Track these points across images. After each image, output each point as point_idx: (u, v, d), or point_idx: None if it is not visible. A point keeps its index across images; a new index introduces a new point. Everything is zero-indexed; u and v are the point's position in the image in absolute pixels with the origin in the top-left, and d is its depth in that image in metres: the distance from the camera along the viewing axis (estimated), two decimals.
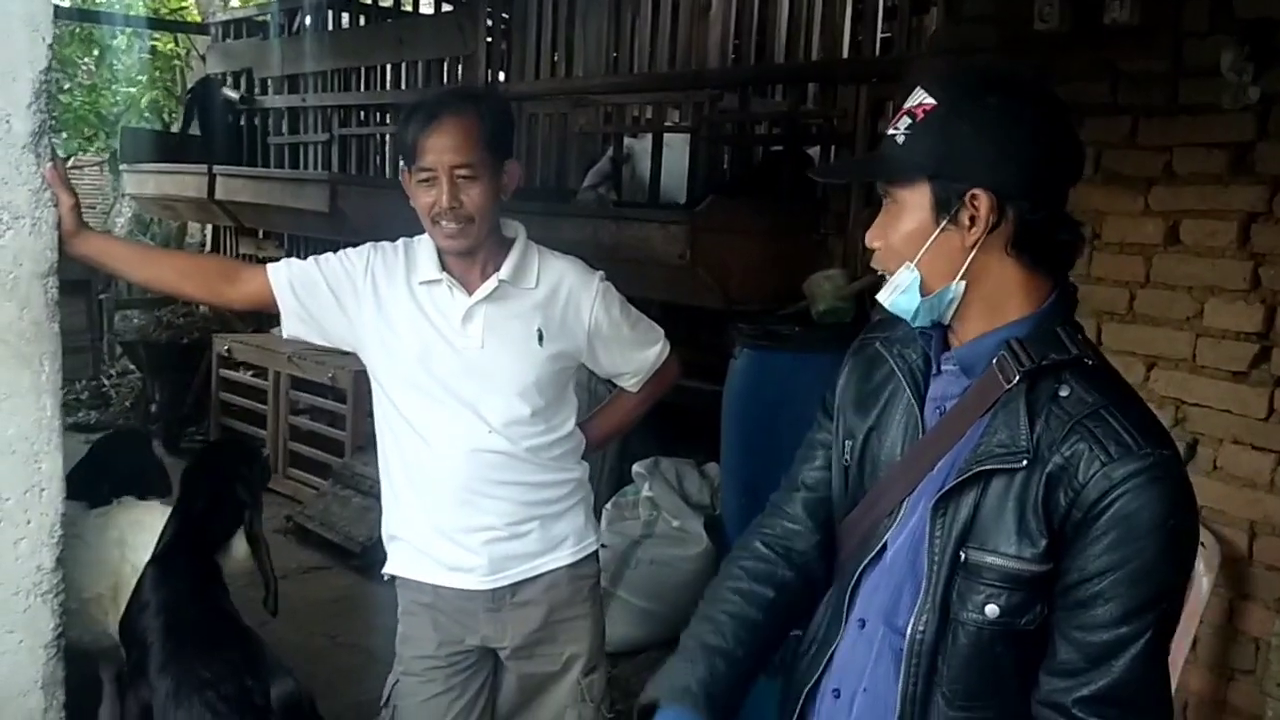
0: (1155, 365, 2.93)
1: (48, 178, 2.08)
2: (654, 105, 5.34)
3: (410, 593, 2.25)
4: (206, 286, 2.33)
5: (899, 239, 1.30)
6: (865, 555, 1.38)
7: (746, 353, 3.65)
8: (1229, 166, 2.77)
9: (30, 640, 2.16)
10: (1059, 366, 1.25)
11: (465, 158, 2.03)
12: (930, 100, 1.27)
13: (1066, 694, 1.22)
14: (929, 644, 1.28)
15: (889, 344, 1.43)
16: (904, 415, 1.37)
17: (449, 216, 2.04)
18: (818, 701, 1.43)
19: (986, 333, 1.30)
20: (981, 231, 1.26)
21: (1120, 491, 1.19)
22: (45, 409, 2.13)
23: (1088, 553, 1.20)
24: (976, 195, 1.25)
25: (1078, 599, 1.22)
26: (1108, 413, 1.22)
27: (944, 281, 1.29)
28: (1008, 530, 1.24)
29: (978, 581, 1.25)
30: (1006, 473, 1.24)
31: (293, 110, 7.76)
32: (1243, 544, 2.78)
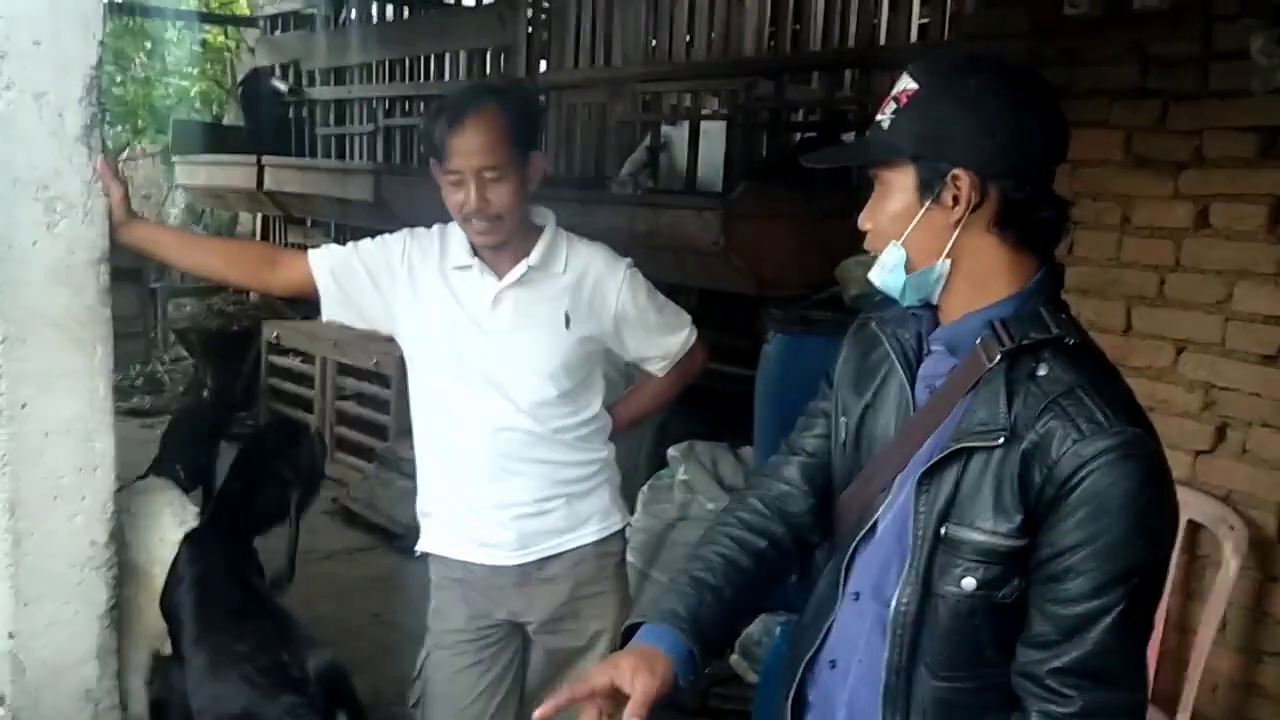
0: (1185, 349, 2.92)
1: (98, 169, 2.17)
2: (691, 93, 5.38)
3: (441, 568, 2.32)
4: (249, 273, 2.42)
5: (886, 219, 1.33)
6: (859, 530, 1.42)
7: (779, 338, 3.69)
8: (1259, 150, 2.75)
9: (86, 611, 2.26)
10: (1039, 346, 1.28)
11: (491, 159, 2.07)
12: (913, 85, 1.30)
13: (1041, 665, 1.25)
14: (912, 616, 1.32)
15: (884, 324, 1.45)
16: (897, 394, 1.40)
17: (478, 216, 2.10)
18: (816, 672, 1.47)
19: (971, 312, 1.33)
20: (964, 210, 1.28)
21: (1091, 468, 1.21)
22: (98, 391, 2.23)
23: (1060, 528, 1.23)
24: (958, 175, 1.27)
25: (1051, 573, 1.25)
26: (1083, 391, 1.24)
27: (929, 260, 1.32)
28: (985, 506, 1.27)
29: (957, 556, 1.29)
30: (985, 450, 1.27)
31: (339, 102, 7.89)
32: (1271, 526, 2.77)
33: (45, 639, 2.22)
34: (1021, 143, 1.29)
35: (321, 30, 8.11)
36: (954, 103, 1.28)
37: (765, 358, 3.70)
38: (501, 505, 2.22)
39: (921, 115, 1.29)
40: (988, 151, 1.27)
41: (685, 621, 1.41)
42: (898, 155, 1.30)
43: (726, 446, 4.19)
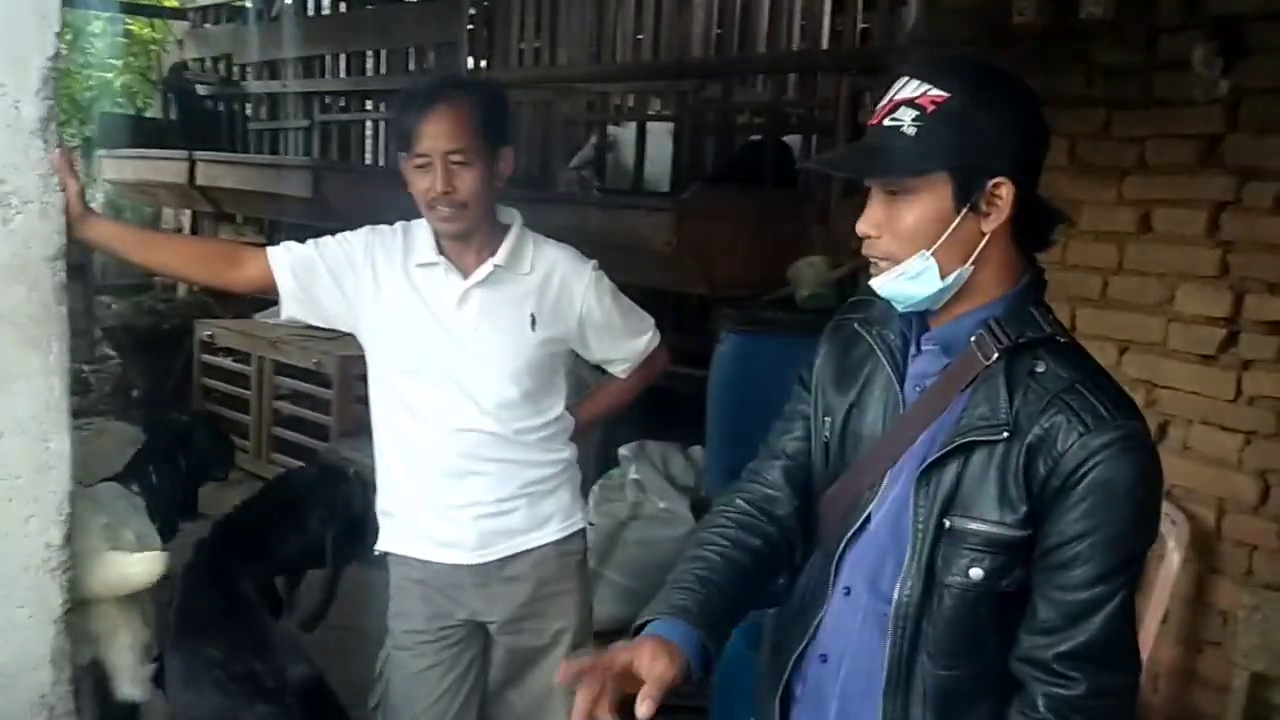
0: (1127, 349, 3.02)
1: (55, 163, 2.11)
2: (637, 94, 5.40)
3: (401, 568, 2.30)
4: (209, 271, 2.37)
5: (911, 227, 1.32)
6: (850, 526, 1.44)
7: (732, 338, 3.73)
8: (1199, 157, 2.86)
9: (40, 615, 2.20)
10: (1034, 344, 1.32)
11: (459, 144, 2.08)
12: (939, 92, 1.29)
13: (1047, 650, 1.30)
14: (914, 607, 1.36)
15: (867, 325, 1.47)
16: (884, 393, 1.43)
17: (443, 201, 2.09)
18: (805, 667, 1.49)
19: (965, 313, 1.36)
20: (1002, 218, 1.31)
21: (1097, 460, 1.26)
22: (54, 390, 2.17)
23: (1066, 517, 1.28)
24: (1000, 183, 1.30)
25: (1057, 561, 1.29)
26: (1083, 387, 1.29)
27: (956, 267, 1.34)
28: (990, 498, 1.31)
29: (962, 546, 1.33)
30: (988, 444, 1.31)
31: (272, 96, 7.76)
32: (1211, 521, 2.88)
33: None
34: (1037, 148, 1.34)
35: (254, 24, 7.97)
36: (990, 112, 1.30)
37: (718, 357, 3.73)
38: (462, 505, 2.22)
39: (958, 124, 1.29)
40: (1019, 159, 1.31)
41: (696, 616, 1.41)
42: (936, 164, 1.30)
43: (677, 446, 4.21)
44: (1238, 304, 2.81)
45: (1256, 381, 2.79)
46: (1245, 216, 2.79)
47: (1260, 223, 2.76)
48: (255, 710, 2.11)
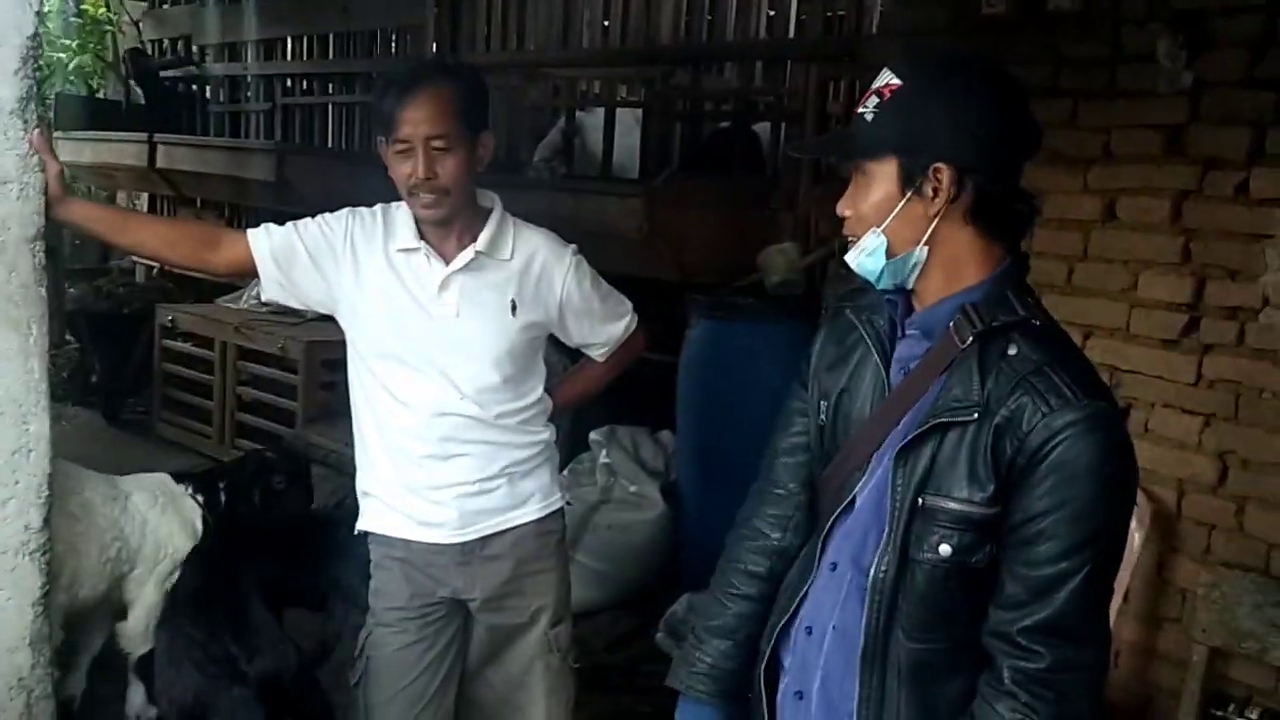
0: (1092, 334, 3.09)
1: (34, 143, 2.10)
2: (605, 80, 5.40)
3: (382, 547, 2.31)
4: (189, 253, 2.36)
5: (868, 207, 1.41)
6: (838, 506, 1.49)
7: (703, 323, 3.77)
8: (1163, 147, 2.93)
9: (19, 598, 2.20)
10: (1008, 328, 1.37)
11: (440, 129, 2.08)
12: (896, 80, 1.37)
13: (1012, 624, 1.33)
14: (890, 582, 1.40)
15: (858, 311, 1.53)
16: (872, 377, 1.48)
17: (425, 188, 2.10)
18: (791, 638, 1.54)
19: (945, 298, 1.41)
20: (944, 202, 1.36)
21: (1060, 439, 1.30)
22: (33, 372, 2.17)
23: (1031, 495, 1.32)
24: (939, 168, 1.35)
25: (1023, 537, 1.33)
26: (1050, 369, 1.34)
27: (908, 247, 1.40)
28: (960, 477, 1.35)
29: (933, 524, 1.37)
30: (960, 425, 1.36)
31: (233, 78, 7.66)
32: (1172, 501, 2.96)
33: None
34: (997, 140, 1.37)
35: (214, 5, 7.85)
36: (937, 100, 1.36)
37: (689, 343, 3.77)
38: (443, 485, 2.23)
39: (905, 110, 1.36)
40: (967, 147, 1.35)
41: (712, 695, 1.62)
42: (882, 149, 1.38)
43: (647, 430, 4.25)
44: (1199, 290, 2.89)
45: (1216, 366, 2.87)
46: (1207, 205, 2.87)
47: (1221, 211, 2.84)
48: (230, 694, 2.11)
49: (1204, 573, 2.86)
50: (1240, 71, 2.79)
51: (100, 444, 6.00)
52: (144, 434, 6.23)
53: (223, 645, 2.18)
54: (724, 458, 3.60)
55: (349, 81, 6.92)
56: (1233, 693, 2.89)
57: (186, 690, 2.13)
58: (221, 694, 2.11)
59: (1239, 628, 2.79)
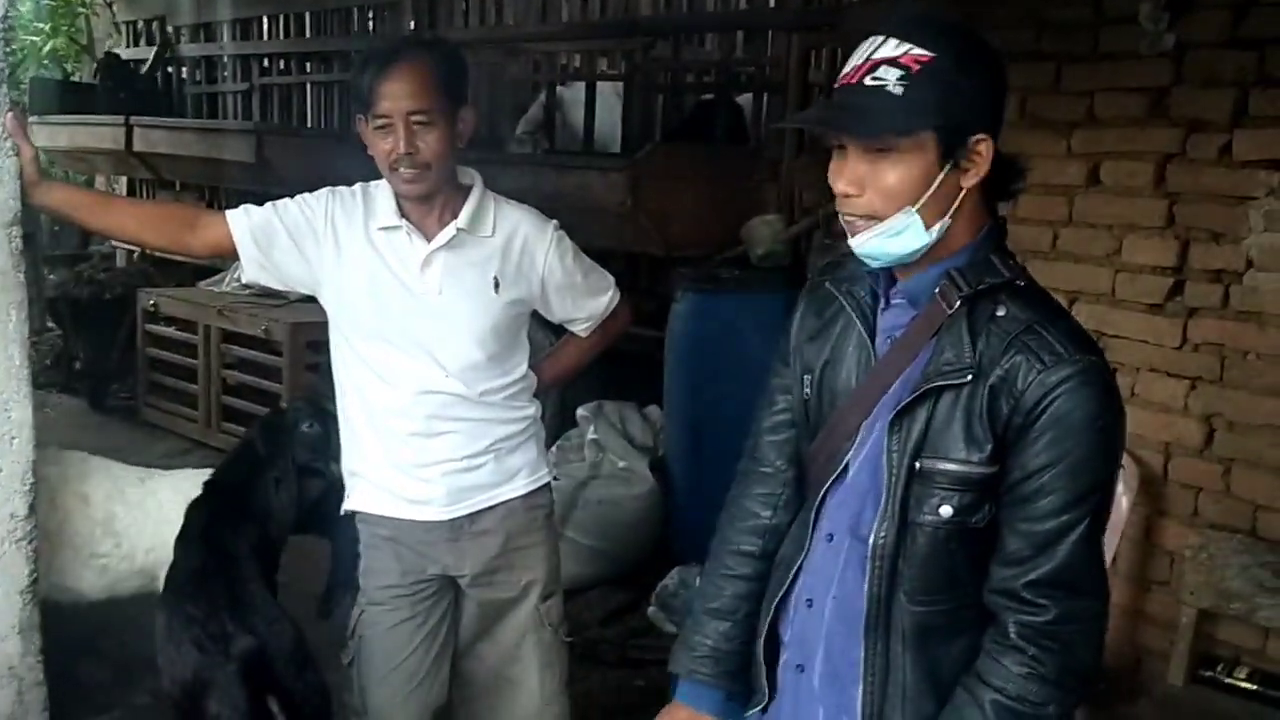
0: (1077, 300, 3.10)
1: (8, 127, 2.07)
2: (585, 54, 5.36)
3: (371, 527, 2.31)
4: (168, 235, 2.33)
5: (895, 185, 1.34)
6: (829, 476, 1.49)
7: (689, 296, 3.76)
8: (1146, 110, 2.93)
9: (6, 586, 2.19)
10: (994, 290, 1.37)
11: (421, 104, 2.06)
12: (923, 51, 1.32)
13: (1016, 579, 1.35)
14: (890, 548, 1.41)
15: (837, 283, 1.52)
16: (856, 348, 1.48)
17: (406, 163, 2.08)
18: (790, 611, 1.54)
19: (931, 265, 1.40)
20: (981, 174, 1.35)
21: (1055, 394, 1.31)
22: (14, 358, 2.16)
23: (1029, 451, 1.33)
24: (981, 139, 1.34)
25: (1023, 494, 1.34)
26: (1040, 327, 1.34)
27: (935, 222, 1.37)
28: (957, 438, 1.36)
29: (932, 486, 1.38)
30: (954, 388, 1.36)
31: (209, 59, 7.58)
32: (1158, 465, 2.98)
33: None
34: (1003, 105, 1.38)
35: None
36: (972, 72, 1.34)
37: (675, 316, 3.76)
38: (430, 463, 2.22)
39: (943, 83, 1.32)
40: (995, 116, 1.36)
41: (715, 677, 1.61)
42: (919, 123, 1.32)
43: (634, 406, 4.24)
44: (1183, 253, 2.90)
45: (1201, 329, 2.89)
46: (1190, 168, 2.87)
47: (1205, 174, 2.84)
48: (226, 670, 2.11)
49: (1192, 535, 2.89)
50: (1223, 33, 2.79)
51: (85, 430, 5.97)
52: (129, 419, 6.20)
53: (220, 623, 2.17)
54: (712, 430, 3.61)
55: (327, 60, 6.85)
56: (1221, 654, 2.92)
57: (186, 668, 2.14)
58: (218, 671, 2.11)
59: (1227, 589, 2.81)
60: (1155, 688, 2.99)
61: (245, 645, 2.13)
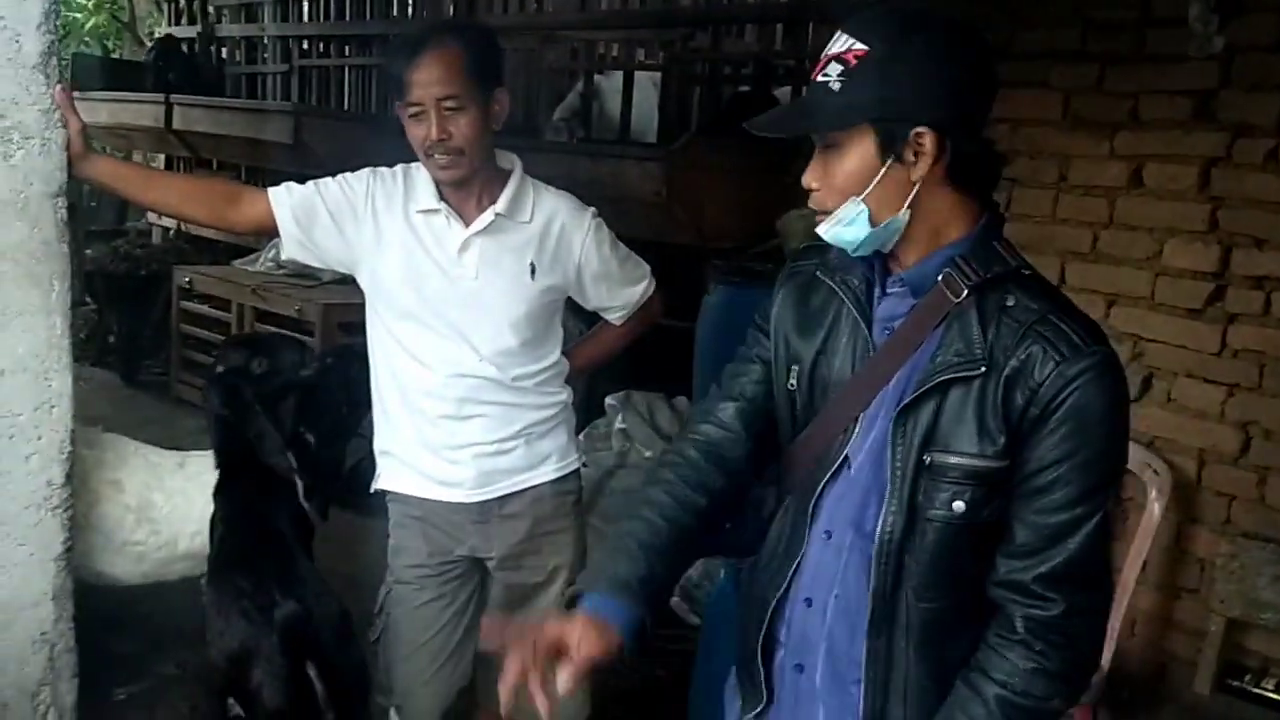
0: (1115, 303, 3.07)
1: (57, 100, 2.09)
2: (623, 43, 5.36)
3: (400, 506, 2.33)
4: (210, 210, 2.35)
5: (842, 178, 1.35)
6: (825, 470, 1.46)
7: (721, 289, 3.74)
8: (1192, 113, 2.89)
9: (41, 553, 2.22)
10: (1002, 279, 1.36)
11: (451, 89, 2.06)
12: (860, 45, 1.31)
13: (1026, 572, 1.32)
14: (896, 544, 1.38)
15: (828, 270, 1.48)
16: (852, 337, 1.44)
17: (439, 149, 2.08)
18: (788, 611, 1.50)
19: (930, 254, 1.39)
20: (928, 166, 1.33)
21: (1074, 386, 1.29)
22: (55, 328, 2.18)
23: (1045, 443, 1.31)
24: (921, 133, 1.31)
25: (1036, 486, 1.32)
26: (1055, 317, 1.32)
27: (891, 213, 1.35)
28: (969, 432, 1.34)
29: (943, 481, 1.35)
30: (964, 380, 1.34)
31: (250, 40, 7.63)
32: (1192, 471, 2.95)
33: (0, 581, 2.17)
34: (969, 96, 1.34)
35: None
36: (908, 63, 1.31)
37: (707, 308, 3.74)
38: (461, 445, 2.24)
39: (877, 76, 1.30)
40: (944, 108, 1.32)
41: (634, 592, 1.42)
42: (855, 117, 1.32)
43: (663, 396, 4.24)
44: (1225, 259, 2.86)
45: (1241, 335, 2.85)
46: (1235, 172, 2.83)
47: (1250, 179, 2.81)
48: (269, 639, 2.16)
49: (1223, 543, 2.86)
50: (1272, 36, 2.75)
51: (118, 404, 6.04)
52: (162, 395, 6.26)
53: (268, 594, 2.21)
54: None
55: (366, 43, 6.88)
56: (1249, 663, 2.89)
57: (234, 638, 2.18)
58: (263, 640, 2.15)
59: (1258, 598, 2.78)
60: (1181, 696, 2.97)
61: (289, 611, 2.18)
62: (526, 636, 1.36)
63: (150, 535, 2.72)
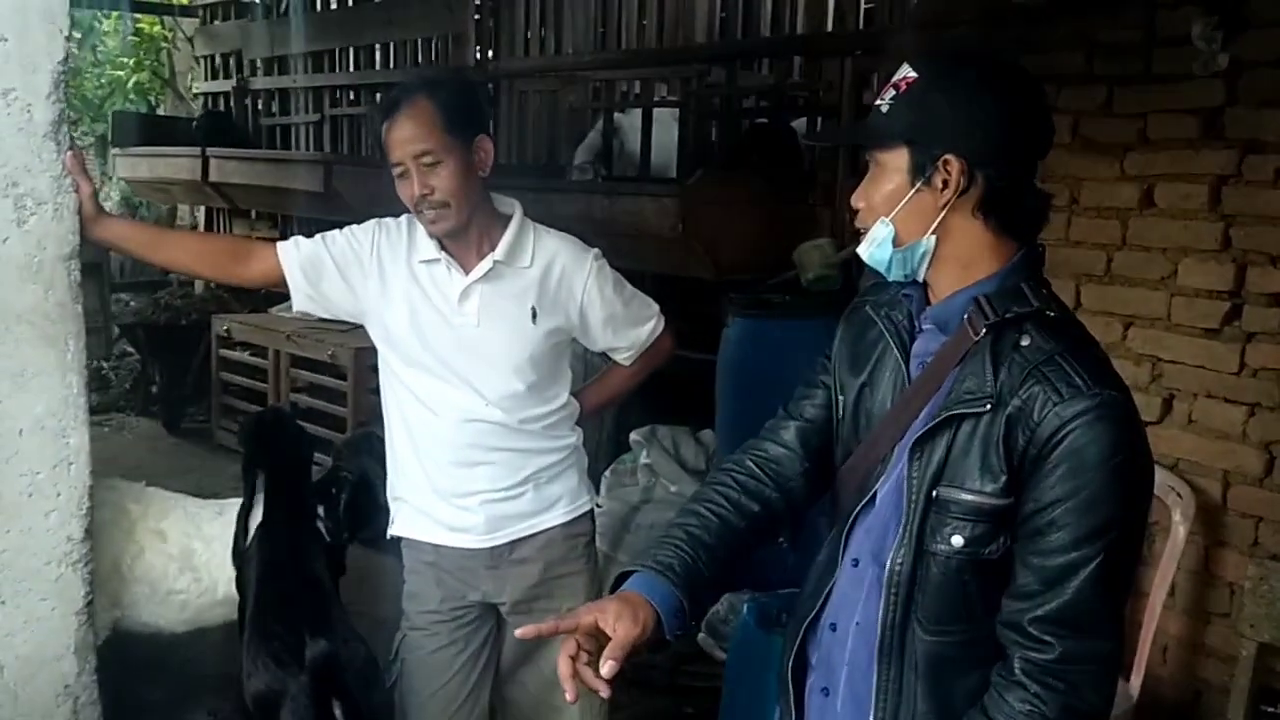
0: (1132, 324, 3.04)
1: (67, 165, 2.16)
2: (642, 80, 5.42)
3: (414, 552, 2.35)
4: (219, 267, 2.42)
5: (879, 198, 1.42)
6: (859, 501, 1.50)
7: (739, 321, 3.76)
8: (1200, 131, 2.87)
9: (62, 608, 2.26)
10: (1021, 318, 1.37)
11: (425, 145, 2.09)
12: (912, 74, 1.39)
13: (1023, 614, 1.33)
14: (906, 575, 1.40)
15: (877, 307, 1.53)
16: (892, 371, 1.49)
17: (424, 204, 2.12)
18: (818, 635, 1.55)
19: (958, 291, 1.42)
20: (952, 193, 1.37)
21: (1071, 428, 1.29)
22: (71, 387, 2.23)
23: (1042, 484, 1.31)
24: (948, 160, 1.36)
25: (1034, 527, 1.32)
26: (1061, 358, 1.33)
27: (916, 237, 1.41)
28: (973, 468, 1.36)
29: (947, 515, 1.37)
30: (973, 416, 1.36)
31: (282, 91, 7.79)
32: (1217, 493, 2.90)
33: (23, 635, 2.23)
34: (1007, 135, 1.37)
35: (262, 19, 8.00)
36: (948, 93, 1.37)
37: (726, 341, 3.76)
38: (470, 492, 2.26)
39: (917, 102, 1.37)
40: (976, 141, 1.36)
41: (679, 575, 1.47)
42: (894, 139, 1.39)
43: (688, 430, 4.25)
44: (1240, 277, 2.83)
45: (1260, 354, 2.81)
46: (1246, 189, 2.80)
47: (1261, 195, 2.77)
48: (298, 680, 2.20)
49: (1251, 566, 2.80)
50: (1278, 51, 2.72)
51: (160, 453, 6.17)
52: (203, 442, 6.37)
53: (299, 637, 2.26)
54: None
55: None
56: None
57: (262, 681, 2.23)
58: (291, 681, 2.20)
59: None
60: None
61: (318, 650, 2.22)
62: (562, 626, 1.41)
63: (192, 583, 2.81)
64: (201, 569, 2.79)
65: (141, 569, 2.75)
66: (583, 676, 1.37)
